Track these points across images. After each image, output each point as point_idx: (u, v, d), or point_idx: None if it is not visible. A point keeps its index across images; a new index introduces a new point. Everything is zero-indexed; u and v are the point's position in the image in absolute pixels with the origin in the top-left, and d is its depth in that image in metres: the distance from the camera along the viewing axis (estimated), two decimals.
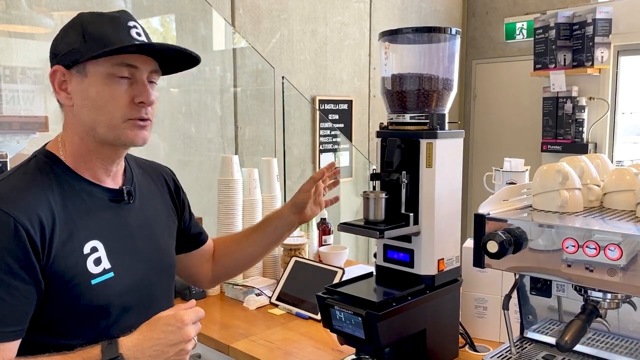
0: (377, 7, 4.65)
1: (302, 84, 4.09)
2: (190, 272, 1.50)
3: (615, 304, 1.26)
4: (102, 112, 1.10)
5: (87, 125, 1.12)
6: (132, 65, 1.11)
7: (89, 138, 1.13)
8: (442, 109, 1.46)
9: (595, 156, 1.53)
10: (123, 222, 1.19)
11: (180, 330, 1.04)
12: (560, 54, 4.34)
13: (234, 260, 1.54)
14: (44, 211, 1.05)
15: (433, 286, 1.43)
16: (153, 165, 1.41)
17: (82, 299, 1.07)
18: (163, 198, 1.35)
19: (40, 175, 1.10)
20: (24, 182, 1.08)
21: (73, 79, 1.11)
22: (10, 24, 2.80)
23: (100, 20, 1.12)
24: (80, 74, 1.10)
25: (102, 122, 1.11)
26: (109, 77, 1.09)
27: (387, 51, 1.49)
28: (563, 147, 4.45)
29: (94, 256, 1.10)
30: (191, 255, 1.47)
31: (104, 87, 1.09)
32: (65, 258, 1.06)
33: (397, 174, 1.40)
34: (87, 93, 1.10)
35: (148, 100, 1.13)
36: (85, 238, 1.10)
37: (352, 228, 1.42)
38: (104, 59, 1.09)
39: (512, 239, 1.22)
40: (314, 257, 2.29)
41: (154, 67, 1.16)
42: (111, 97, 1.10)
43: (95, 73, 1.09)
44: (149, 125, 1.16)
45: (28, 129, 2.27)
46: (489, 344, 1.61)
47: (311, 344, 1.67)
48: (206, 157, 3.55)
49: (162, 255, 1.28)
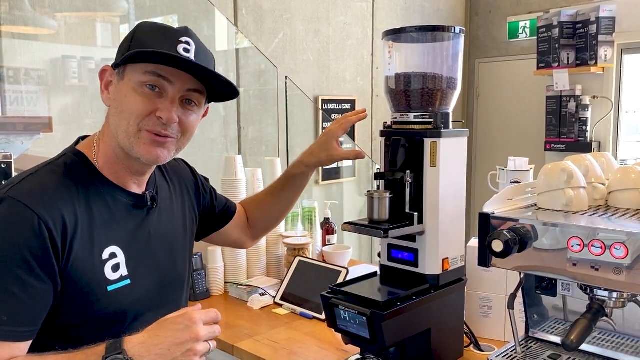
0: (379, 7, 4.65)
1: (305, 84, 4.09)
2: (232, 240, 1.60)
3: (621, 303, 1.26)
4: (123, 117, 1.09)
5: (113, 129, 1.12)
6: (164, 78, 1.08)
7: (115, 143, 1.12)
8: (446, 108, 1.45)
9: (600, 155, 1.52)
10: (143, 229, 1.18)
11: (189, 328, 0.98)
12: (563, 52, 4.33)
13: (268, 217, 1.62)
14: (67, 212, 1.04)
15: (438, 286, 1.43)
16: (170, 162, 1.37)
17: (96, 304, 1.06)
18: (182, 199, 1.35)
19: (67, 175, 1.09)
20: (50, 181, 1.07)
21: (115, 80, 1.11)
22: (14, 25, 2.80)
23: (153, 28, 1.12)
24: (119, 76, 1.10)
25: (121, 128, 1.09)
26: (139, 84, 1.07)
27: (391, 50, 1.49)
28: (567, 146, 4.44)
29: (112, 262, 1.09)
30: (226, 229, 1.53)
31: (131, 93, 1.08)
32: (84, 261, 1.05)
33: (401, 173, 1.40)
34: (119, 96, 1.10)
35: (168, 117, 1.08)
36: (105, 243, 1.09)
37: (356, 227, 1.42)
38: (140, 66, 1.07)
39: (517, 238, 1.22)
40: (317, 257, 2.29)
41: (194, 86, 1.11)
42: (134, 103, 1.07)
43: (130, 78, 1.08)
44: (170, 144, 1.12)
45: (32, 130, 2.28)
46: (494, 343, 1.61)
47: (316, 343, 1.67)
48: (209, 158, 3.55)
49: (176, 264, 1.28)
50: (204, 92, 1.15)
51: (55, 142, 2.48)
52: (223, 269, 2.10)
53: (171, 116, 1.08)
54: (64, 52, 3.01)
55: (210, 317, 1.02)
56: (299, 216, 2.36)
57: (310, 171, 1.55)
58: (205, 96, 1.16)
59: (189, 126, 1.14)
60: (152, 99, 1.08)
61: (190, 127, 1.15)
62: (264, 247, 2.19)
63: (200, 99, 1.15)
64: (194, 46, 1.10)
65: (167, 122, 1.09)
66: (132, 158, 1.12)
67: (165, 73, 1.08)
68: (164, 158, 1.13)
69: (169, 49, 1.06)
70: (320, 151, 1.49)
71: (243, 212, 1.60)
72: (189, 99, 1.12)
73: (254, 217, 1.61)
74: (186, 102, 1.13)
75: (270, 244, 2.21)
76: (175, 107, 1.10)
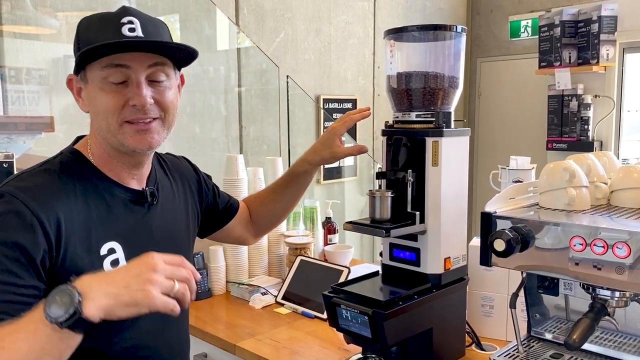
0: (381, 6, 4.65)
1: (307, 83, 4.09)
2: (235, 237, 1.61)
3: (624, 302, 1.25)
4: (101, 118, 1.08)
5: (97, 131, 1.12)
6: (122, 65, 1.05)
7: (105, 143, 1.13)
8: (448, 107, 1.45)
9: (602, 154, 1.52)
10: (145, 224, 1.18)
11: (146, 263, 0.90)
12: (565, 51, 4.33)
13: (271, 215, 1.62)
14: (62, 209, 1.04)
15: (439, 285, 1.43)
16: (171, 159, 1.40)
17: None
18: (184, 195, 1.35)
19: (63, 172, 1.10)
20: (45, 179, 1.07)
21: (82, 85, 1.11)
22: (15, 25, 2.81)
23: (91, 21, 1.09)
24: (83, 81, 1.10)
25: (103, 128, 1.09)
26: (102, 81, 1.06)
27: (393, 49, 1.49)
28: (568, 145, 4.44)
29: (111, 257, 1.09)
30: (229, 225, 1.54)
31: (99, 92, 1.07)
32: (82, 258, 1.04)
33: (403, 172, 1.40)
34: (90, 99, 1.10)
35: (140, 101, 1.06)
36: (103, 239, 1.09)
37: (358, 227, 1.42)
38: (96, 63, 1.05)
39: (519, 237, 1.21)
40: (319, 256, 2.29)
41: (153, 61, 1.08)
42: (105, 102, 1.06)
43: (92, 79, 1.07)
44: (156, 126, 1.11)
45: (34, 130, 2.28)
46: (496, 342, 1.61)
47: (317, 343, 1.67)
48: (211, 157, 3.56)
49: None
50: (168, 62, 1.12)
51: (56, 142, 2.48)
52: (225, 269, 2.10)
53: (143, 100, 1.06)
54: (65, 51, 3.01)
55: (174, 260, 0.94)
56: (301, 215, 2.35)
57: (314, 169, 1.55)
58: (172, 65, 1.14)
59: (167, 102, 1.12)
60: (120, 91, 1.06)
61: (169, 103, 1.12)
62: (265, 247, 2.19)
63: (167, 70, 1.12)
64: (138, 23, 1.07)
65: (141, 107, 1.07)
66: (126, 153, 1.12)
67: (120, 60, 1.05)
68: (155, 142, 1.12)
69: (113, 35, 1.04)
70: (323, 149, 1.50)
71: (246, 209, 1.61)
72: (154, 77, 1.10)
73: (257, 214, 1.61)
74: (154, 80, 1.10)
75: (272, 243, 2.21)
76: (144, 89, 1.07)
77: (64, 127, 2.69)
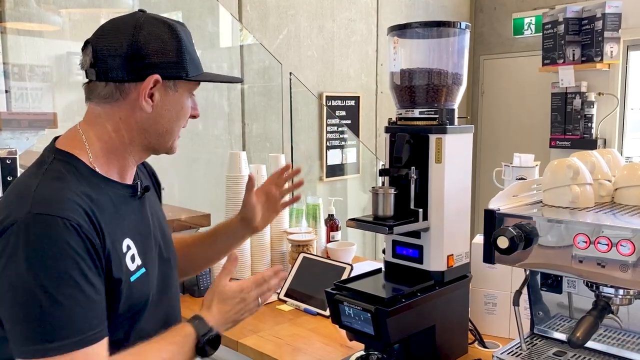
0: (384, 3, 4.64)
1: (310, 80, 4.09)
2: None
3: (627, 300, 1.25)
4: (179, 123, 1.19)
5: (153, 130, 1.15)
6: None
7: (139, 138, 1.15)
8: (451, 104, 1.45)
9: (606, 151, 1.51)
10: (142, 217, 1.20)
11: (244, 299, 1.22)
12: (569, 49, 4.31)
13: (191, 261, 1.52)
14: (89, 213, 1.03)
15: (442, 282, 1.42)
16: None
17: (123, 297, 1.07)
18: (155, 192, 1.37)
19: (72, 177, 1.07)
20: (62, 187, 1.04)
21: (163, 89, 1.12)
22: (18, 22, 2.81)
23: (186, 33, 1.18)
24: (172, 88, 1.15)
25: (173, 131, 1.18)
26: (189, 94, 1.20)
27: (396, 46, 1.49)
28: (572, 142, 4.43)
29: (129, 253, 1.11)
30: None
31: (186, 102, 1.19)
32: (114, 257, 1.06)
33: (406, 169, 1.40)
34: (173, 105, 1.16)
35: (198, 114, 1.24)
36: (121, 236, 1.10)
37: (361, 224, 1.42)
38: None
39: (522, 235, 1.21)
40: (322, 253, 2.29)
41: None
42: (187, 111, 1.21)
43: (184, 89, 1.18)
44: None
45: (37, 126, 2.28)
46: (499, 340, 1.61)
47: (320, 339, 1.67)
48: (214, 154, 3.55)
49: (170, 245, 1.31)
50: None
51: None
52: None
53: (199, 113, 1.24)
54: (68, 48, 3.02)
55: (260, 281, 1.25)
56: (303, 213, 2.36)
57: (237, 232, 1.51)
58: None
59: None
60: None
61: None
62: (268, 244, 2.19)
63: None
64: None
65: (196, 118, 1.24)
66: (151, 153, 1.21)
67: None
68: None
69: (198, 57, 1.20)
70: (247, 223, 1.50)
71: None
72: None
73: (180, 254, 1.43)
74: None
75: (275, 240, 2.21)
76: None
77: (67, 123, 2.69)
